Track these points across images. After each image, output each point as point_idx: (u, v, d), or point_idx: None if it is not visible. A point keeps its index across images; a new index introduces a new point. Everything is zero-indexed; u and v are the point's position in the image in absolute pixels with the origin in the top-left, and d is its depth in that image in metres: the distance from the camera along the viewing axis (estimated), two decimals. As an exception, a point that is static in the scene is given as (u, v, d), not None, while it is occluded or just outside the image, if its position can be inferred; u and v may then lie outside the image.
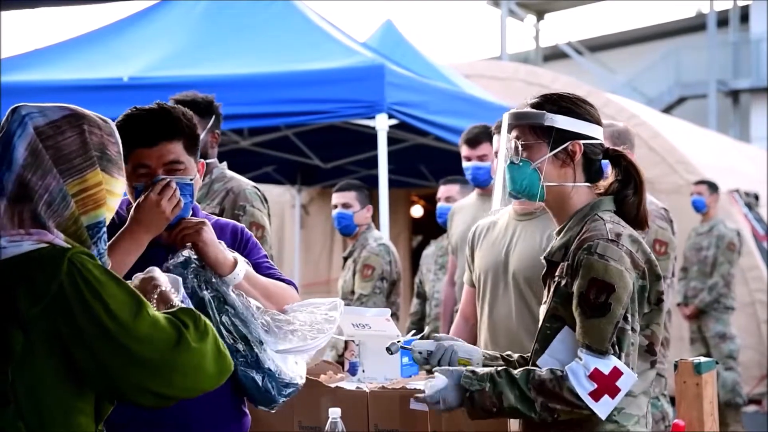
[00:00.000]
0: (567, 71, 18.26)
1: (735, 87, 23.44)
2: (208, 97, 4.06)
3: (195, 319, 1.87)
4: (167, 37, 6.76)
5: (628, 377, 2.20)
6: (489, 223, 3.45)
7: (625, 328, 2.21)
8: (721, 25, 23.41)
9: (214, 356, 1.85)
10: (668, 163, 9.38)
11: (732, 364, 7.56)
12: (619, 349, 2.20)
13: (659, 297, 2.31)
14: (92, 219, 1.90)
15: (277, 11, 6.95)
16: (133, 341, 1.78)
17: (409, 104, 6.16)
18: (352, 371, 3.17)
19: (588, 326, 2.21)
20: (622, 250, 2.22)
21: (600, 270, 2.20)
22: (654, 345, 2.31)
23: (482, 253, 3.39)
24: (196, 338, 1.83)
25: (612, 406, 2.21)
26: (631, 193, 2.36)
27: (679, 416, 2.72)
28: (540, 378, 2.23)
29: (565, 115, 2.35)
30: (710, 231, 7.74)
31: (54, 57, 6.70)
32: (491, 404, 2.25)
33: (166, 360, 1.80)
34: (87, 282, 1.79)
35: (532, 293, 3.18)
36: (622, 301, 2.20)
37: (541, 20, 25.94)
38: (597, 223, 2.28)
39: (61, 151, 1.88)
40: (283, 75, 6.11)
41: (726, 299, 7.63)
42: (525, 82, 9.75)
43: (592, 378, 2.18)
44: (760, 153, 14.16)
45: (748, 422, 7.81)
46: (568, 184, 2.35)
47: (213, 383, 1.87)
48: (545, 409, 2.21)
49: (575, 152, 2.35)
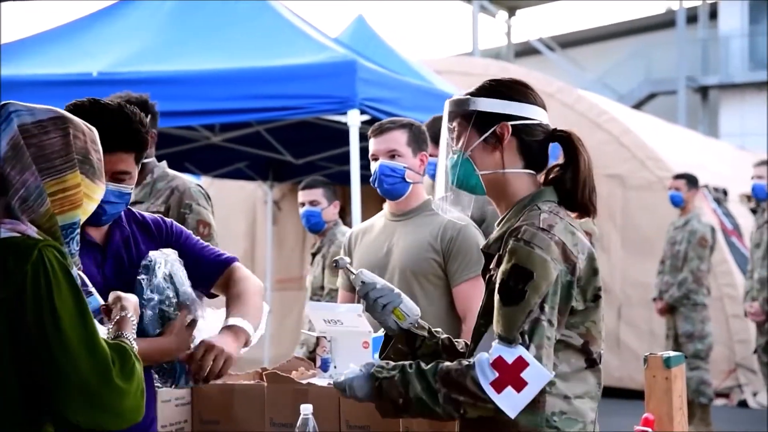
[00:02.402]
0: (538, 67, 18.34)
1: (704, 83, 23.62)
2: (142, 97, 4.00)
3: (124, 359, 1.89)
4: (137, 32, 6.71)
5: (536, 371, 2.03)
6: (365, 227, 3.57)
7: (540, 318, 2.05)
8: (691, 22, 23.58)
9: (133, 399, 1.88)
10: (639, 159, 9.45)
11: (698, 364, 7.52)
12: (529, 339, 2.04)
13: (596, 293, 2.16)
14: (67, 219, 1.95)
15: (249, 7, 6.93)
16: (60, 349, 1.82)
17: (381, 100, 6.16)
18: (324, 367, 3.17)
19: (501, 314, 2.08)
20: (552, 240, 2.08)
21: (523, 256, 2.07)
22: (590, 344, 2.16)
23: (360, 254, 3.48)
24: (120, 376, 1.86)
25: (518, 402, 2.04)
26: (570, 177, 2.22)
27: (649, 410, 2.74)
28: (447, 368, 2.10)
29: (490, 98, 2.22)
30: (685, 225, 7.74)
31: (22, 52, 6.64)
32: (398, 394, 2.13)
33: (83, 379, 1.82)
34: (47, 276, 1.83)
35: (418, 285, 3.31)
36: (539, 290, 2.05)
37: (512, 16, 26.00)
38: (532, 213, 2.15)
39: (44, 150, 1.92)
40: (255, 71, 6.09)
41: (696, 295, 7.61)
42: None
43: (494, 366, 2.04)
44: (728, 149, 14.30)
45: (717, 416, 7.88)
46: (502, 171, 2.21)
47: (118, 424, 1.89)
48: (448, 400, 2.08)
49: (503, 134, 2.20)
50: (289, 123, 7.66)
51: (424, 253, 3.35)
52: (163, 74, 6.02)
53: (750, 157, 12.96)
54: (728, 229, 9.58)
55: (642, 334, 9.13)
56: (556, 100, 9.53)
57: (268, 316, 7.95)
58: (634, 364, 8.63)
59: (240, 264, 2.66)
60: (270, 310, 9.30)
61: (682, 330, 7.64)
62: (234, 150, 8.63)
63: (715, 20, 24.11)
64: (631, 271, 9.25)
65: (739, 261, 9.31)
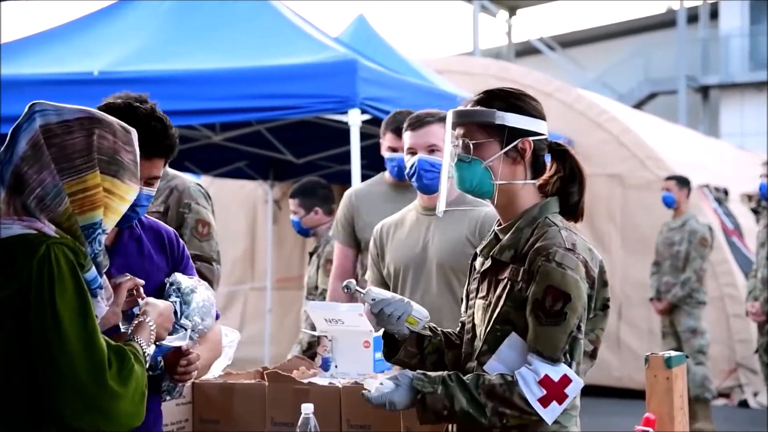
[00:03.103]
0: (538, 67, 18.32)
1: (705, 83, 23.61)
2: (141, 96, 3.99)
3: (123, 361, 1.90)
4: (138, 31, 6.71)
5: (576, 384, 2.23)
6: (395, 221, 3.56)
7: (578, 337, 2.23)
8: (691, 22, 23.58)
9: (130, 403, 1.89)
10: (638, 158, 9.44)
11: (702, 359, 7.61)
12: (571, 357, 2.23)
13: (605, 303, 2.34)
14: (88, 220, 1.94)
15: (249, 6, 6.93)
16: (59, 348, 1.83)
17: (381, 99, 6.15)
18: (325, 367, 3.17)
19: (541, 333, 2.21)
20: (578, 259, 2.23)
21: (557, 278, 2.20)
22: (597, 350, 2.36)
23: (394, 249, 3.48)
24: (116, 378, 1.87)
25: (559, 411, 2.23)
26: (576, 191, 2.37)
27: (650, 410, 2.74)
28: (490, 383, 2.23)
29: (514, 113, 2.33)
30: (683, 226, 7.77)
31: (22, 51, 6.64)
32: (443, 407, 2.24)
33: (79, 380, 1.83)
34: (51, 274, 1.84)
35: (457, 280, 3.32)
36: (578, 311, 2.21)
37: (513, 16, 26.00)
38: (552, 230, 2.28)
39: (65, 150, 1.93)
40: (256, 70, 6.08)
41: (698, 294, 7.67)
42: (496, 77, 9.76)
43: (542, 384, 2.20)
44: (729, 148, 14.30)
45: (718, 416, 7.88)
46: (519, 182, 2.34)
47: (115, 427, 1.89)
48: (495, 413, 2.22)
49: (525, 150, 2.32)
50: (290, 122, 7.67)
51: (462, 248, 3.33)
52: (164, 73, 6.02)
53: (750, 156, 12.97)
54: (729, 228, 9.58)
55: (642, 333, 9.12)
56: (555, 99, 9.52)
57: (268, 315, 7.92)
58: (634, 364, 8.63)
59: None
60: (270, 309, 9.28)
61: (685, 326, 7.67)
62: (234, 149, 8.63)
63: (716, 20, 24.10)
64: (631, 271, 9.25)
65: (740, 261, 9.31)
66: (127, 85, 5.21)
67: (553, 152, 2.40)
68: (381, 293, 2.49)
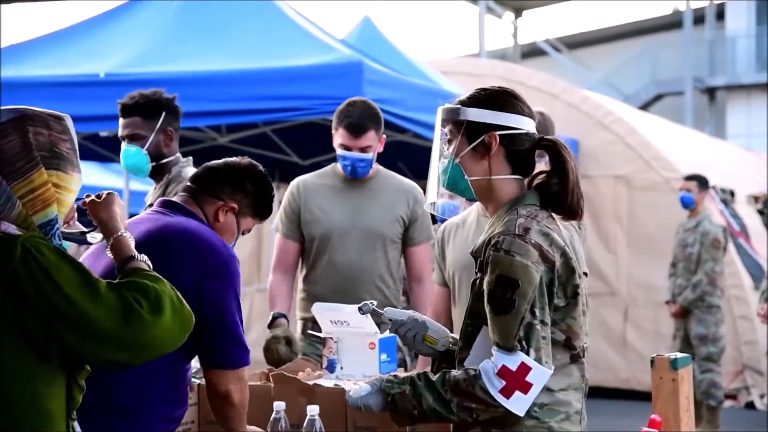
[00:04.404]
0: (545, 68, 18.32)
1: (711, 84, 23.57)
2: (154, 94, 4.00)
3: (146, 292, 1.92)
4: (144, 33, 6.72)
5: (538, 372, 2.18)
6: (458, 221, 3.49)
7: (533, 322, 2.18)
8: (698, 23, 23.54)
9: (171, 319, 1.93)
10: (644, 159, 9.43)
11: (710, 366, 7.49)
12: (527, 344, 2.18)
13: (575, 291, 2.27)
14: (42, 218, 1.95)
15: (255, 8, 6.94)
16: (86, 319, 1.85)
17: (387, 101, 6.15)
18: (331, 368, 3.17)
19: (496, 323, 2.21)
20: (528, 244, 2.20)
21: (505, 266, 2.19)
22: (572, 339, 2.28)
23: (455, 251, 3.42)
24: (150, 312, 1.90)
25: (527, 402, 2.19)
26: (556, 182, 2.32)
27: (655, 412, 2.74)
28: (455, 379, 2.23)
29: (480, 108, 2.33)
30: (696, 227, 7.64)
31: (30, 53, 6.66)
32: (412, 406, 2.25)
33: (122, 335, 1.87)
34: (40, 265, 1.85)
35: None
36: (527, 296, 2.18)
37: (519, 17, 25.98)
38: (510, 218, 2.26)
39: (4, 154, 1.92)
40: (261, 71, 6.09)
41: (711, 297, 7.52)
42: (502, 79, 9.76)
43: (500, 375, 2.18)
44: (735, 150, 14.27)
45: (724, 417, 7.86)
46: (490, 177, 2.32)
47: (175, 344, 1.96)
48: (462, 409, 2.22)
49: (491, 143, 2.31)
50: (296, 124, 7.66)
51: None
52: (170, 75, 6.03)
53: (757, 158, 12.96)
54: (735, 230, 9.56)
55: (648, 335, 9.11)
56: (561, 100, 9.52)
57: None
58: (640, 366, 8.61)
59: None
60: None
61: (695, 332, 7.56)
62: (240, 151, 8.56)
63: (722, 21, 24.06)
64: (637, 272, 9.24)
65: (747, 262, 9.29)
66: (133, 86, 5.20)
67: (543, 148, 2.37)
68: (397, 314, 2.51)
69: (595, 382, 6.70)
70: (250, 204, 2.82)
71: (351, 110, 4.00)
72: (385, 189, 4.16)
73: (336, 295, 3.87)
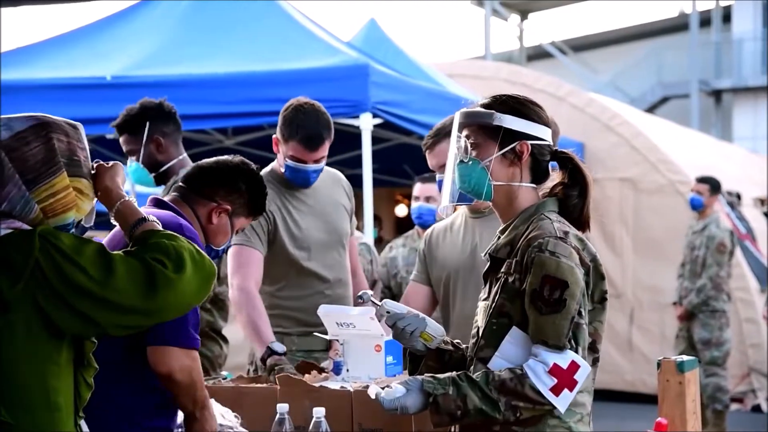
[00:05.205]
0: (550, 71, 18.30)
1: (717, 87, 23.53)
2: (138, 107, 4.04)
3: (167, 252, 1.98)
4: (150, 35, 6.73)
5: (584, 369, 2.25)
6: (446, 225, 3.51)
7: (580, 322, 2.26)
8: (704, 25, 23.51)
9: (192, 273, 1.98)
10: (650, 162, 9.42)
11: (714, 371, 7.46)
12: (576, 343, 2.25)
13: (603, 296, 2.36)
14: (60, 221, 1.99)
15: (261, 10, 6.94)
16: (112, 295, 1.91)
17: (393, 103, 6.16)
18: (337, 371, 3.17)
19: (543, 323, 2.24)
20: (570, 246, 2.27)
21: (552, 267, 2.23)
22: (597, 342, 2.36)
23: (445, 253, 3.43)
24: (174, 270, 1.96)
25: (571, 398, 2.25)
26: (576, 194, 2.40)
27: (662, 414, 2.74)
28: (500, 378, 2.26)
29: (513, 116, 2.38)
30: (703, 230, 7.62)
31: (36, 55, 6.67)
32: (456, 407, 2.26)
33: (149, 303, 1.93)
34: (59, 250, 1.90)
35: None
36: (576, 297, 2.24)
37: (524, 20, 25.97)
38: (544, 222, 2.32)
39: (27, 161, 1.96)
40: (267, 74, 6.10)
41: (715, 302, 7.49)
42: (507, 81, 9.76)
43: (551, 373, 2.22)
44: (741, 152, 14.24)
45: (730, 420, 7.84)
46: (515, 184, 2.38)
47: (200, 298, 2.04)
48: (509, 407, 2.24)
49: (523, 152, 2.37)
50: (302, 126, 7.67)
51: None
52: (176, 77, 6.04)
53: (763, 160, 12.92)
54: (742, 233, 9.54)
55: (654, 337, 9.09)
56: (567, 103, 9.51)
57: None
58: (646, 368, 8.60)
59: None
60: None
61: (698, 337, 7.53)
62: (246, 153, 8.61)
63: (729, 23, 24.01)
64: (642, 275, 9.22)
65: (753, 265, 9.26)
66: (139, 89, 5.23)
67: (558, 159, 2.43)
68: (396, 307, 2.52)
69: (601, 385, 6.69)
70: (245, 204, 2.80)
71: (303, 119, 3.63)
72: (327, 182, 3.86)
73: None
